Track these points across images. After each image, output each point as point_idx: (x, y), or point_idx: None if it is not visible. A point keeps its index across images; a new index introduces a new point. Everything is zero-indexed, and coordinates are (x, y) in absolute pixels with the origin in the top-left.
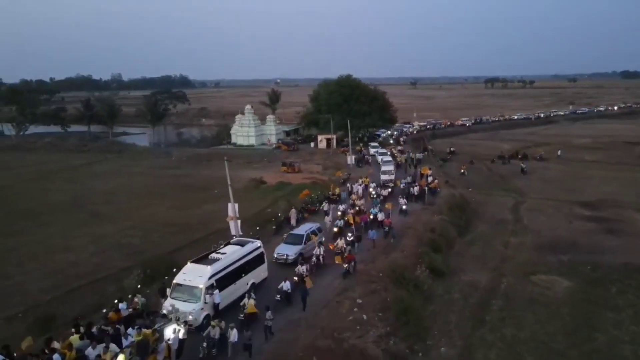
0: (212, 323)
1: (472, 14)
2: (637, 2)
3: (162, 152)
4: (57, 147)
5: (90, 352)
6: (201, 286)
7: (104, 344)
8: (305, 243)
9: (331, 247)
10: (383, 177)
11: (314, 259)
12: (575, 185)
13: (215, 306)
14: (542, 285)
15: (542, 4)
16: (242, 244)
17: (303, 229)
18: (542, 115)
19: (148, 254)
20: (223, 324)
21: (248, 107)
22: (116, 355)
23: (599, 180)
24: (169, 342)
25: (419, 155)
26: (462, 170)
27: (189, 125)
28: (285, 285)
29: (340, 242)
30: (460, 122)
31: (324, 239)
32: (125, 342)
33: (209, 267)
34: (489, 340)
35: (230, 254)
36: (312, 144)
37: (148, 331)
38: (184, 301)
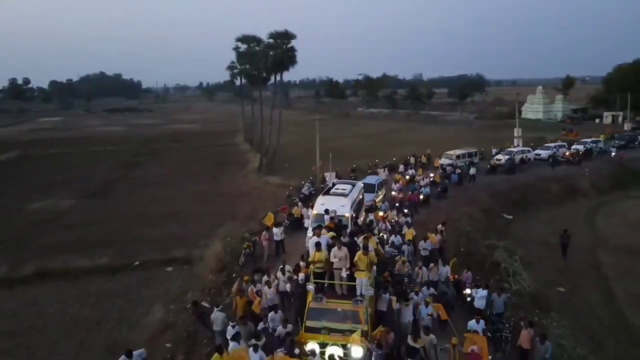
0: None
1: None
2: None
3: (466, 122)
4: (392, 117)
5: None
6: (347, 214)
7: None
8: (376, 192)
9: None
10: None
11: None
12: None
13: None
14: None
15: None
16: (352, 184)
17: (373, 179)
18: None
19: None
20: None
21: (540, 87)
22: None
23: None
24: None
25: None
26: None
27: (483, 112)
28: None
29: (390, 214)
30: None
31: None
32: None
33: (346, 198)
34: None
35: (350, 190)
36: (596, 120)
37: None
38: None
